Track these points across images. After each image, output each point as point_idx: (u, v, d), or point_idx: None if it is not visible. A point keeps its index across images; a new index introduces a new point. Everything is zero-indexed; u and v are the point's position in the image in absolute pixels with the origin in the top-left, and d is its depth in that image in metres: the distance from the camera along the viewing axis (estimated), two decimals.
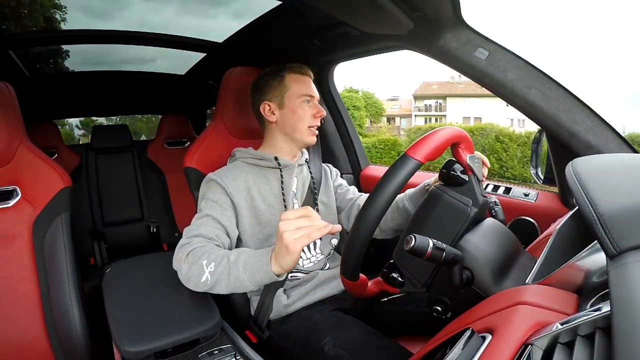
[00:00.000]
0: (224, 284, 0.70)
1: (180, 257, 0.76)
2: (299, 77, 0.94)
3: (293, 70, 0.94)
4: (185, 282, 0.75)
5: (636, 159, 0.52)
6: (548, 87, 0.80)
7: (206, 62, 1.75)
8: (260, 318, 0.90)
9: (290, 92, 0.92)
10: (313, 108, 0.94)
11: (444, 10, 0.79)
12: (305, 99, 0.93)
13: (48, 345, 0.86)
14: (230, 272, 0.69)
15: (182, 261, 0.74)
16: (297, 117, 0.92)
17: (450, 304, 0.61)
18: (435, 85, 23.64)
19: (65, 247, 0.89)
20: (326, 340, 0.76)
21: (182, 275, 0.75)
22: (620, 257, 0.31)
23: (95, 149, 2.19)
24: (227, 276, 0.70)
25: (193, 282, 0.73)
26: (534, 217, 0.97)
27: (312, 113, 0.93)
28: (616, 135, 0.78)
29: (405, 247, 0.52)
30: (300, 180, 0.98)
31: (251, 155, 0.94)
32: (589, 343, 0.33)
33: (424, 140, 0.59)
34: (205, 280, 0.71)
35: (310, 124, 0.94)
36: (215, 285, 0.71)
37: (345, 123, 1.48)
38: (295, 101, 0.92)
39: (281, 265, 0.65)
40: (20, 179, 0.90)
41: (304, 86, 0.93)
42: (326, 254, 0.99)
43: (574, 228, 0.53)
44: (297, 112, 0.92)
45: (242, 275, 0.68)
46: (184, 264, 0.74)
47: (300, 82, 0.94)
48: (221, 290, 0.72)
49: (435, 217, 0.65)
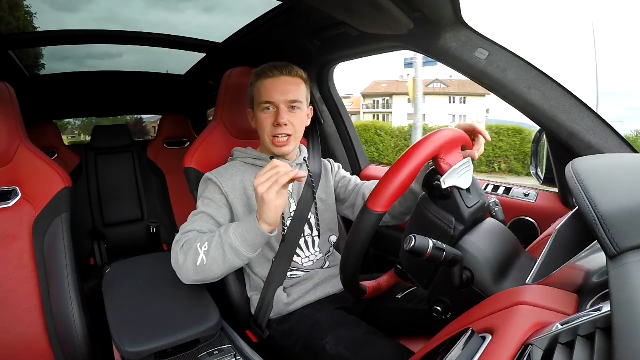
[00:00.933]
0: (220, 259, 0.73)
1: (176, 251, 0.78)
2: (262, 82, 0.89)
3: (258, 76, 0.90)
4: (183, 274, 0.77)
5: (636, 159, 0.52)
6: (548, 87, 0.80)
7: (206, 62, 1.75)
8: (260, 317, 0.90)
9: (256, 100, 0.91)
10: (272, 116, 0.88)
11: (444, 11, 0.79)
12: (263, 107, 0.88)
13: (48, 345, 0.86)
14: (224, 243, 0.73)
15: (178, 253, 0.77)
16: (258, 126, 0.92)
17: (450, 304, 0.60)
18: (385, 84, 25.01)
19: (65, 247, 0.89)
20: (327, 339, 0.76)
21: (179, 267, 0.77)
22: (620, 257, 0.31)
23: (95, 149, 2.19)
24: (221, 249, 0.73)
25: (190, 269, 0.75)
26: (534, 217, 0.97)
27: (271, 122, 0.88)
28: (616, 135, 0.78)
29: (406, 248, 0.52)
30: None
31: (249, 156, 0.95)
32: (589, 343, 0.33)
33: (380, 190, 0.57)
34: (202, 262, 0.73)
35: (272, 134, 0.88)
36: (212, 265, 0.74)
37: (345, 123, 1.48)
38: (257, 110, 0.91)
39: (266, 221, 0.70)
40: (20, 179, 0.90)
41: (264, 92, 0.88)
42: (325, 252, 0.99)
43: (574, 228, 0.53)
44: (257, 122, 0.91)
45: (235, 241, 0.72)
46: (180, 256, 0.77)
47: (262, 88, 0.88)
48: (219, 269, 0.74)
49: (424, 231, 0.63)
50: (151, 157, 2.24)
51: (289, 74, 0.89)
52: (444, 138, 0.62)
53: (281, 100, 0.87)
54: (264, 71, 0.90)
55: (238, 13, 1.23)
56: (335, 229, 1.03)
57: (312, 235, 0.97)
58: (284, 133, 0.88)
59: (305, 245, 0.96)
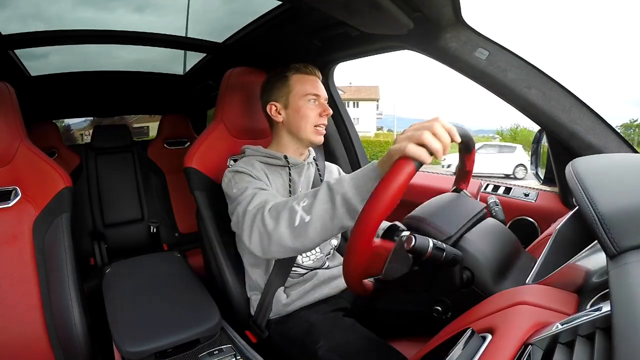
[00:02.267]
0: (327, 215, 0.62)
1: (259, 219, 0.68)
2: (303, 77, 0.94)
3: (298, 71, 0.95)
4: (274, 242, 0.67)
5: (636, 159, 0.52)
6: (548, 87, 0.80)
7: (206, 62, 1.75)
8: (259, 318, 0.90)
9: (295, 91, 0.93)
10: (319, 107, 0.94)
11: (444, 10, 0.79)
12: (310, 98, 0.93)
13: (48, 345, 0.86)
14: (335, 194, 0.61)
15: (265, 219, 0.67)
16: (301, 116, 0.93)
17: (450, 304, 0.60)
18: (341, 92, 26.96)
19: (66, 247, 0.89)
20: (320, 344, 0.76)
21: (269, 234, 0.67)
22: (620, 257, 0.31)
23: (96, 149, 2.19)
24: (330, 202, 0.62)
25: (284, 233, 0.65)
26: (534, 217, 0.97)
27: (318, 112, 0.93)
28: (616, 135, 0.78)
29: (406, 247, 0.51)
30: (305, 178, 0.99)
31: (261, 153, 0.95)
32: (589, 343, 0.33)
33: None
34: (301, 220, 0.63)
35: (315, 123, 0.93)
36: (317, 222, 0.62)
37: (345, 123, 1.48)
38: (299, 101, 0.93)
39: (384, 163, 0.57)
40: (20, 179, 0.90)
41: (309, 85, 0.94)
42: (325, 253, 0.99)
43: (574, 228, 0.53)
44: (300, 112, 0.92)
45: (349, 190, 0.60)
46: (268, 221, 0.67)
47: (305, 82, 0.94)
48: (323, 228, 0.63)
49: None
50: (151, 157, 2.24)
51: (319, 77, 0.97)
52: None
53: (323, 96, 0.95)
54: (301, 68, 0.95)
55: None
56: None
57: None
58: (325, 124, 0.95)
59: None
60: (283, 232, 0.65)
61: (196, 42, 1.49)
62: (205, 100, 2.45)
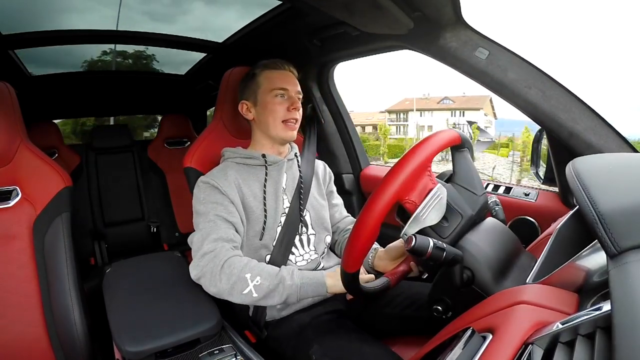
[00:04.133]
0: (270, 299, 0.77)
1: (212, 267, 0.77)
2: (271, 72, 0.93)
3: (266, 67, 0.94)
4: (214, 291, 0.79)
5: (636, 158, 0.52)
6: (548, 87, 0.80)
7: (206, 62, 1.75)
8: (258, 318, 0.90)
9: (262, 88, 0.93)
10: (287, 101, 0.92)
11: (444, 10, 0.79)
12: (277, 93, 0.92)
13: (48, 346, 0.86)
14: (284, 290, 0.77)
15: (218, 273, 0.77)
16: (269, 111, 0.92)
17: (450, 303, 0.60)
18: (408, 101, 31.47)
19: (66, 247, 0.89)
20: (314, 349, 0.76)
21: (217, 287, 0.77)
22: (620, 256, 0.31)
23: (96, 149, 2.19)
24: (278, 294, 0.77)
25: (226, 291, 0.77)
26: (534, 216, 0.97)
27: (286, 107, 0.91)
28: (616, 135, 0.78)
29: (406, 247, 0.52)
30: (291, 175, 0.98)
31: (239, 155, 0.95)
32: (589, 342, 0.33)
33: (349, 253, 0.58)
34: (249, 293, 0.76)
35: (284, 118, 0.91)
36: (261, 300, 0.77)
37: (345, 123, 1.48)
38: (266, 96, 0.92)
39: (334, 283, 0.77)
40: (20, 179, 0.90)
41: (277, 80, 0.92)
42: (320, 252, 0.98)
43: (574, 228, 0.53)
44: (268, 107, 0.92)
45: (294, 293, 0.78)
46: (221, 277, 0.76)
47: (272, 77, 0.93)
48: (253, 300, 0.77)
49: None
50: (151, 157, 2.24)
51: (292, 71, 0.96)
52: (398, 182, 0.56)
53: (293, 90, 0.93)
54: (269, 64, 0.94)
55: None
56: (330, 229, 1.02)
57: (308, 233, 0.96)
58: (295, 118, 0.93)
59: (300, 243, 0.95)
60: (225, 291, 0.77)
61: (196, 42, 1.49)
62: (205, 100, 2.45)
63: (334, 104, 1.46)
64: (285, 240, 0.91)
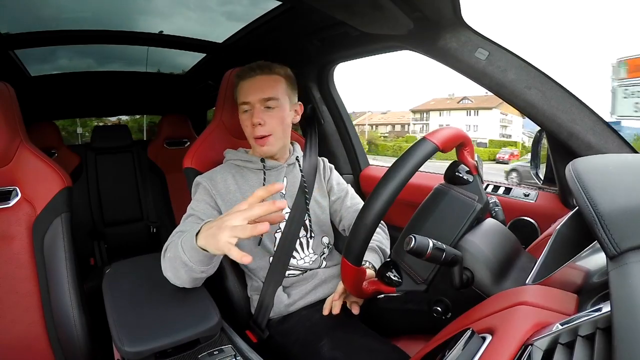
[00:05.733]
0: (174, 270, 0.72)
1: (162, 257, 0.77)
2: (242, 83, 0.89)
3: (238, 77, 0.91)
4: (170, 279, 0.76)
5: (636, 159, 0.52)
6: (548, 87, 0.80)
7: (206, 62, 1.75)
8: (260, 317, 0.90)
9: (237, 100, 0.92)
10: (249, 117, 0.88)
11: (443, 11, 0.79)
12: (243, 109, 0.89)
13: (48, 346, 0.86)
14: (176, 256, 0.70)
15: (162, 258, 0.76)
16: (243, 127, 0.92)
17: (450, 304, 0.60)
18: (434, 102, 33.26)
19: (65, 247, 0.89)
20: (324, 342, 0.76)
21: (166, 273, 0.76)
22: (620, 257, 0.31)
23: (95, 149, 2.19)
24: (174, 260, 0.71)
25: (169, 276, 0.75)
26: (534, 217, 0.97)
27: (250, 123, 0.88)
28: (616, 135, 0.78)
29: (405, 248, 0.52)
30: (291, 180, 0.97)
31: (240, 158, 0.94)
32: (589, 343, 0.33)
33: (441, 130, 0.61)
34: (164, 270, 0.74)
35: (252, 135, 0.89)
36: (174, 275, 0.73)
37: (345, 123, 1.48)
38: (239, 112, 0.92)
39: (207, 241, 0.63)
40: (20, 179, 0.90)
41: (242, 92, 0.89)
42: (319, 253, 0.98)
43: (574, 228, 0.53)
44: (241, 124, 0.92)
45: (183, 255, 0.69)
46: (164, 262, 0.76)
47: (241, 89, 0.89)
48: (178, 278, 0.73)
49: (441, 211, 0.65)
50: (151, 157, 2.24)
51: (266, 73, 0.89)
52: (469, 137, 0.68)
53: (256, 99, 0.87)
54: (243, 72, 0.90)
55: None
56: (329, 230, 1.02)
57: (306, 236, 0.96)
58: (260, 134, 0.88)
59: (299, 246, 0.95)
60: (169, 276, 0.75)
61: (196, 42, 1.49)
62: (205, 100, 2.45)
63: (334, 104, 1.46)
64: (287, 245, 0.92)
